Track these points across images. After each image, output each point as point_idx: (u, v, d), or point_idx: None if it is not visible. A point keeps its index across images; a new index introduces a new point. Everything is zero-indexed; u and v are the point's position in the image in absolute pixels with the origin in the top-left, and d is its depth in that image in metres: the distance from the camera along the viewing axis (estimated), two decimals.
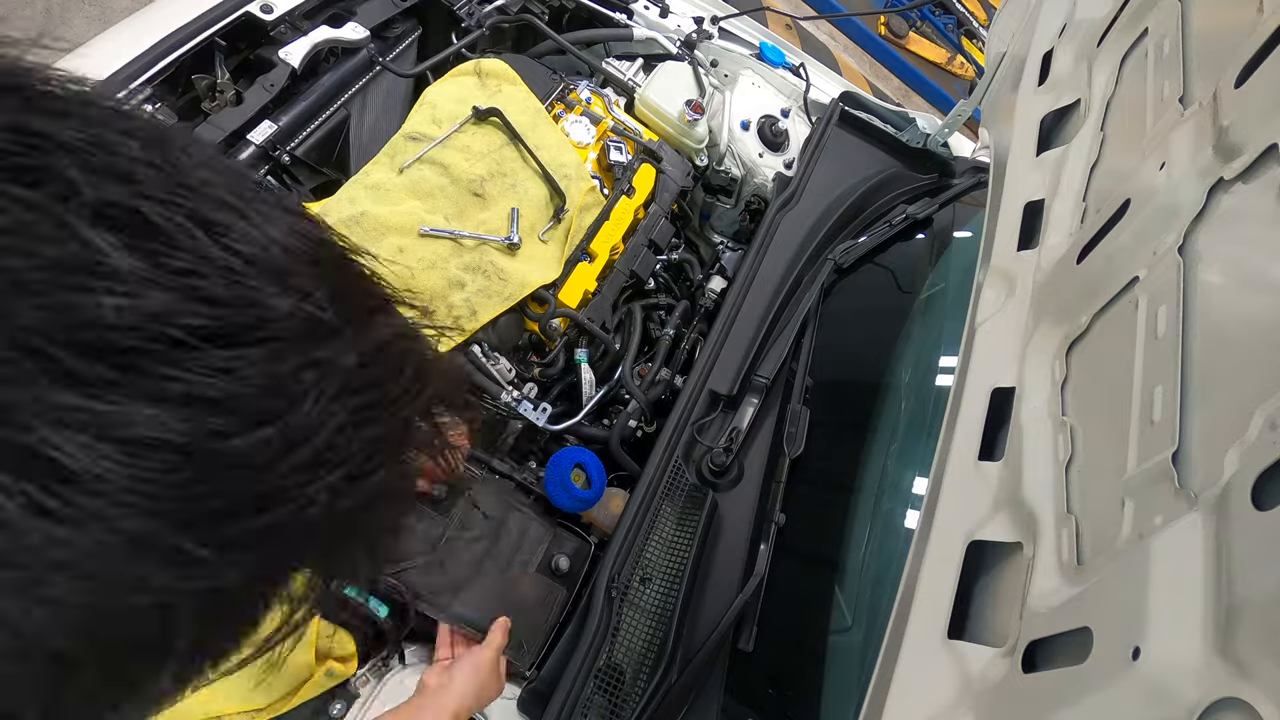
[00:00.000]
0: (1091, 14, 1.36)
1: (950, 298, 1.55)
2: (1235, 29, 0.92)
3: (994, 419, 1.04)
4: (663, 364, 1.63)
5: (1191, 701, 0.56)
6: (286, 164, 1.44)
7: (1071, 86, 1.33)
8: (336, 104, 1.55)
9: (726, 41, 2.10)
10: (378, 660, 1.14)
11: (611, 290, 1.61)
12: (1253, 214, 0.79)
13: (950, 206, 1.80)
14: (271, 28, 1.50)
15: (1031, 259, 1.16)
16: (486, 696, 1.02)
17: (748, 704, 1.23)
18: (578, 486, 1.34)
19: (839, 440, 1.48)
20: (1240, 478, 0.60)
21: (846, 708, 1.10)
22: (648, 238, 1.70)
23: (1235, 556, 0.58)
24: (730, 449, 1.35)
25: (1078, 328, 0.99)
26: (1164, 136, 0.96)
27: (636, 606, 1.19)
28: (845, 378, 1.61)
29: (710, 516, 1.27)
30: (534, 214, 1.54)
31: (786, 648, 1.29)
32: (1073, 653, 0.71)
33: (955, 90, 5.45)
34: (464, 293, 1.39)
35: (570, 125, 1.73)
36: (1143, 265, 0.90)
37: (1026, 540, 0.87)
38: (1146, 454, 0.75)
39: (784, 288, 1.60)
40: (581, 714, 1.08)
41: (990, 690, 0.79)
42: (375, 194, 1.41)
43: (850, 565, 1.31)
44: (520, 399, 1.42)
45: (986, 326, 1.16)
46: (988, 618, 0.90)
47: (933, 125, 1.97)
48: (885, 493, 1.35)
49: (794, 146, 1.95)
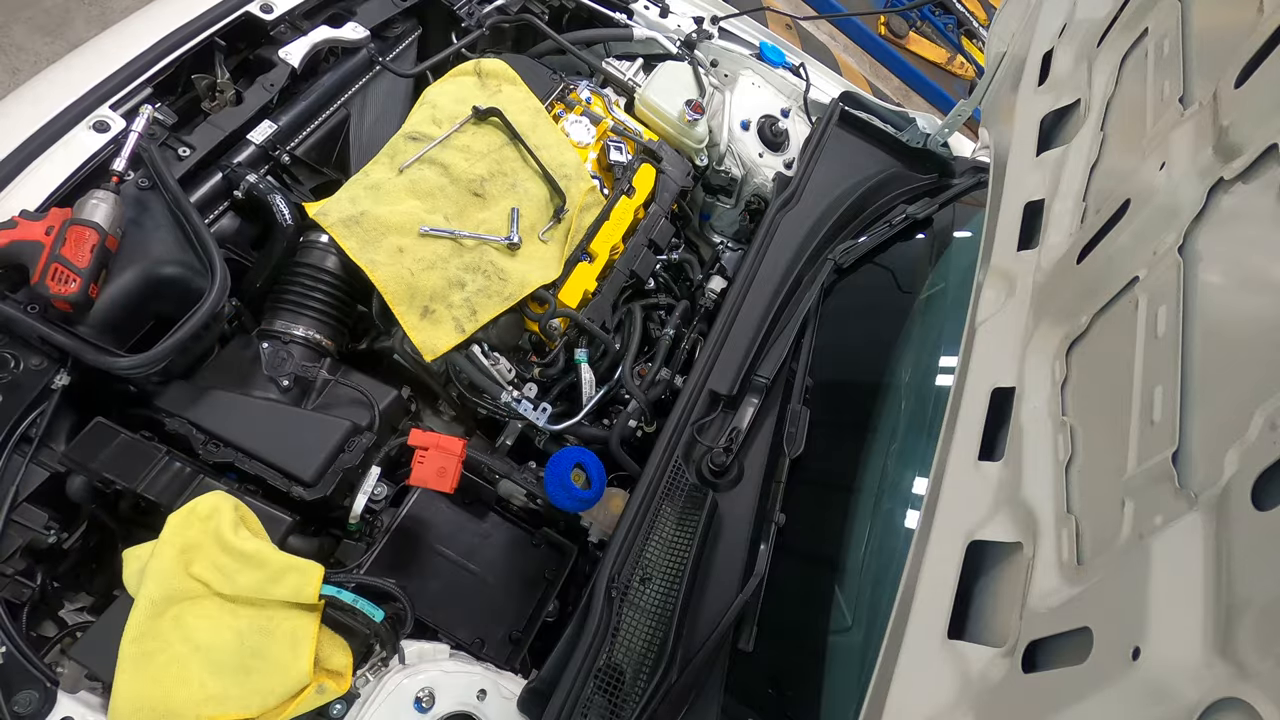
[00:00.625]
0: (1091, 14, 1.36)
1: (950, 298, 1.55)
2: (1235, 29, 0.92)
3: (994, 419, 1.04)
4: (663, 364, 1.63)
5: (1191, 701, 0.56)
6: (286, 164, 1.44)
7: (1071, 86, 1.33)
8: (336, 104, 1.55)
9: (726, 41, 2.10)
10: (377, 660, 1.14)
11: (611, 290, 1.61)
12: (1253, 214, 0.79)
13: (950, 206, 1.80)
14: (271, 27, 1.50)
15: (1031, 259, 1.16)
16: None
17: (748, 704, 1.23)
18: (578, 486, 1.34)
19: (839, 440, 1.48)
20: (1240, 478, 0.60)
21: (846, 708, 1.09)
22: (648, 238, 1.70)
23: (1235, 556, 0.58)
24: (730, 449, 1.35)
25: (1078, 328, 0.99)
26: (1164, 136, 0.96)
27: (636, 606, 1.19)
28: (845, 378, 1.61)
29: (710, 516, 1.27)
30: (534, 214, 1.54)
31: (786, 648, 1.29)
32: (1073, 653, 0.71)
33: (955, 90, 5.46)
34: (464, 292, 1.39)
35: (570, 125, 1.73)
36: (1143, 265, 0.90)
37: (1026, 540, 0.87)
38: (1146, 454, 0.75)
39: (784, 288, 1.59)
40: (581, 714, 1.08)
41: (990, 690, 0.79)
42: (375, 194, 1.41)
43: (850, 565, 1.31)
44: (520, 399, 1.42)
45: (986, 326, 1.16)
46: (988, 618, 0.90)
47: (933, 125, 1.97)
48: (885, 493, 1.35)
49: (794, 146, 1.95)
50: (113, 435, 1.15)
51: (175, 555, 1.06)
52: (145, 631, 1.02)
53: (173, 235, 1.23)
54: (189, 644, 1.02)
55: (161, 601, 1.04)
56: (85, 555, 1.20)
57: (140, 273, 1.19)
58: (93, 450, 1.13)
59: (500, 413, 1.46)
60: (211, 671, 1.01)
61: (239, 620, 1.05)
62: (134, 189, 1.24)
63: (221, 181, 1.34)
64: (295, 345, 1.30)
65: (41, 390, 1.10)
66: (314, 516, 1.27)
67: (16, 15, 2.99)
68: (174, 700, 0.99)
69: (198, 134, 1.35)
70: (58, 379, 1.12)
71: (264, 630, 1.05)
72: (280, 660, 1.03)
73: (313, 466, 1.18)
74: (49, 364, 1.12)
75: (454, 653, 1.20)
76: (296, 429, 1.22)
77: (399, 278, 1.34)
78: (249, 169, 1.35)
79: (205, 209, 1.32)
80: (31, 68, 2.88)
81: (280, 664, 1.03)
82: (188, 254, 1.22)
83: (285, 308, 1.33)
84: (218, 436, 1.18)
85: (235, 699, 1.01)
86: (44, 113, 1.26)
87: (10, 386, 1.09)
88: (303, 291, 1.34)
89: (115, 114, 1.29)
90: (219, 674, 1.01)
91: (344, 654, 1.10)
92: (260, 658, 1.03)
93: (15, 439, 1.08)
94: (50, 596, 1.12)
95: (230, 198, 1.36)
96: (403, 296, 1.34)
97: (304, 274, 1.34)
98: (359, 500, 1.23)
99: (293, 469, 1.17)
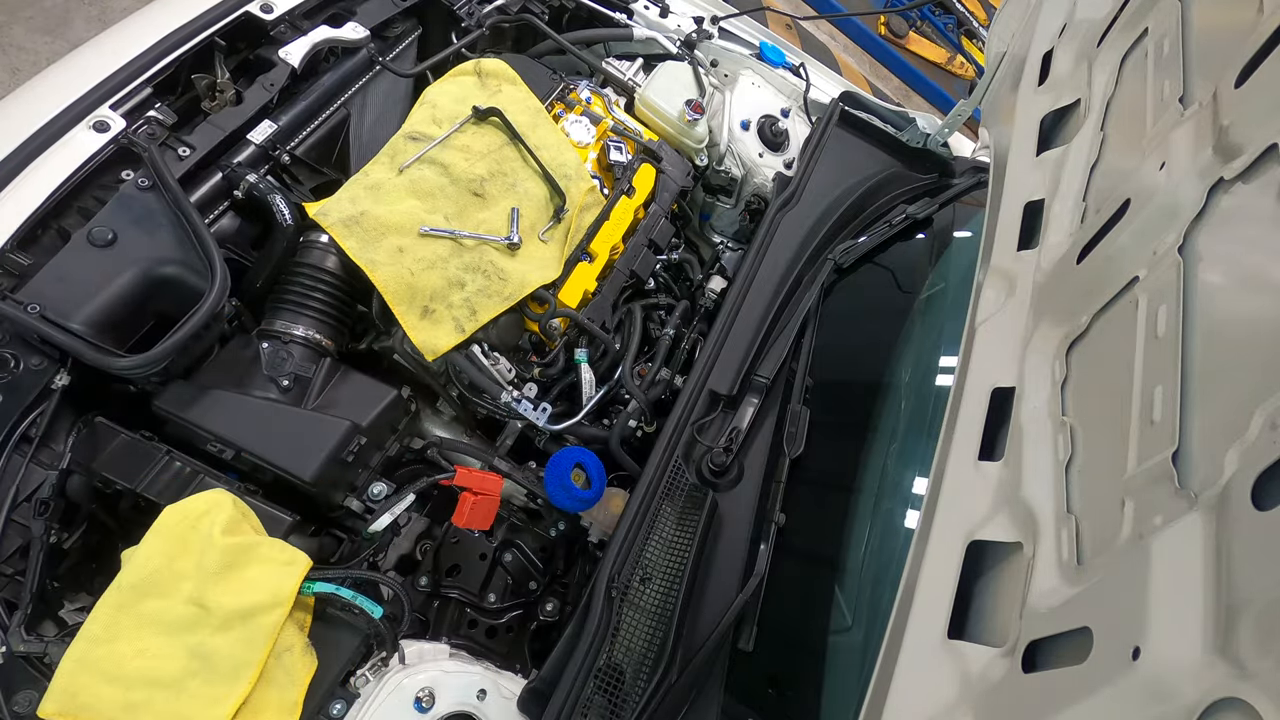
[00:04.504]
0: (1091, 14, 1.36)
1: (950, 298, 1.55)
2: (1235, 29, 0.92)
3: (994, 419, 1.04)
4: (663, 364, 1.63)
5: (1191, 701, 0.56)
6: (286, 164, 1.44)
7: (1071, 86, 1.33)
8: (336, 104, 1.55)
9: (726, 41, 2.10)
10: (377, 660, 1.14)
11: (611, 290, 1.61)
12: (1252, 214, 0.79)
13: (950, 206, 1.80)
14: (271, 27, 1.50)
15: (1031, 259, 1.16)
16: None
17: (748, 704, 1.23)
18: (578, 487, 1.34)
19: (839, 440, 1.48)
20: (1240, 478, 0.60)
21: (846, 708, 1.09)
22: (648, 238, 1.70)
23: (1235, 556, 0.58)
24: (730, 449, 1.35)
25: (1078, 328, 0.99)
26: (1164, 136, 0.96)
27: (636, 606, 1.19)
28: (845, 378, 1.61)
29: (710, 516, 1.27)
30: (534, 214, 1.54)
31: (786, 648, 1.29)
32: (1073, 653, 0.71)
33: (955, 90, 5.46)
34: (464, 292, 1.39)
35: (570, 125, 1.73)
36: (1143, 265, 0.90)
37: (1026, 540, 0.87)
38: (1146, 454, 0.75)
39: (784, 288, 1.60)
40: (581, 714, 1.08)
41: (990, 690, 0.79)
42: (375, 194, 1.40)
43: (850, 565, 1.31)
44: (520, 399, 1.42)
45: (986, 326, 1.16)
46: (988, 618, 0.90)
47: (933, 125, 1.97)
48: (885, 493, 1.35)
49: (794, 146, 1.95)
50: (113, 435, 1.15)
51: (161, 546, 1.06)
52: (106, 620, 1.01)
53: (173, 235, 1.23)
54: (137, 644, 1.00)
55: (130, 590, 1.03)
56: (85, 555, 1.20)
57: (140, 273, 1.19)
58: (93, 450, 1.13)
59: (500, 413, 1.46)
60: (144, 680, 0.99)
61: (194, 636, 1.02)
62: (134, 189, 1.24)
63: (221, 181, 1.34)
64: (295, 345, 1.30)
65: (41, 390, 1.10)
66: (314, 516, 1.27)
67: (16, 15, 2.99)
68: (100, 696, 0.97)
69: (198, 134, 1.35)
70: (58, 379, 1.12)
71: (206, 658, 1.01)
72: (206, 694, 1.00)
73: (313, 467, 1.18)
74: (49, 364, 1.12)
75: (454, 653, 1.20)
76: (296, 429, 1.22)
77: (399, 278, 1.34)
78: (249, 169, 1.35)
79: (205, 209, 1.32)
80: (31, 68, 2.88)
81: (206, 698, 1.00)
82: (188, 254, 1.22)
83: (285, 308, 1.33)
84: (217, 436, 1.18)
85: (152, 715, 0.98)
86: (44, 113, 1.26)
87: (10, 386, 1.09)
88: (303, 291, 1.34)
89: (115, 114, 1.29)
90: (150, 686, 0.99)
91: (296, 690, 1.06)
92: (195, 679, 1.00)
93: (15, 439, 1.08)
94: (50, 596, 1.12)
95: (230, 198, 1.36)
96: (403, 296, 1.34)
97: (304, 274, 1.34)
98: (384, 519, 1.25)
99: (293, 469, 1.17)
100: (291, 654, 1.06)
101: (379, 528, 1.24)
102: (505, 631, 1.33)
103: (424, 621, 1.30)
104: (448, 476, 1.31)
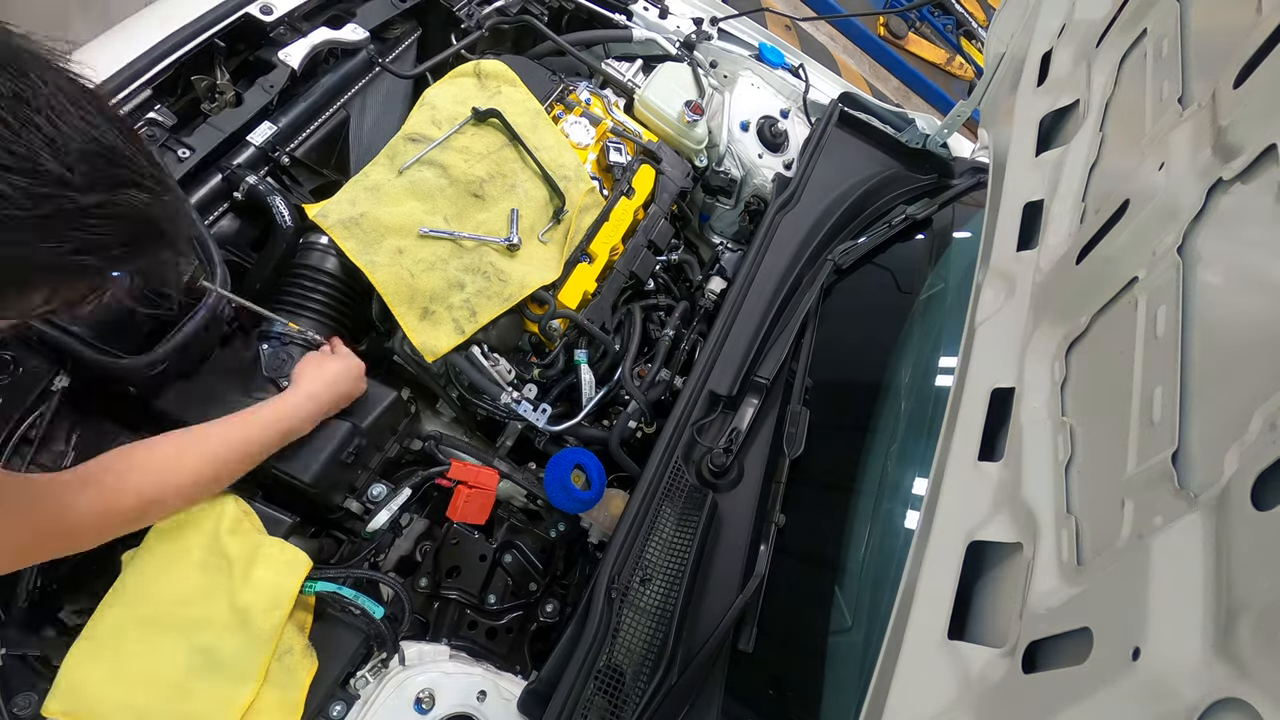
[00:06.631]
0: (1091, 14, 1.36)
1: (950, 298, 1.55)
2: (1234, 29, 0.92)
3: (994, 419, 1.04)
4: (662, 364, 1.63)
5: (1191, 701, 0.56)
6: (286, 165, 1.44)
7: (1070, 87, 1.33)
8: (336, 105, 1.55)
9: (726, 42, 2.10)
10: (377, 661, 1.14)
11: (611, 291, 1.61)
12: (1252, 214, 0.80)
13: (950, 207, 1.80)
14: (271, 29, 1.50)
15: (1031, 259, 1.16)
16: (343, 389, 1.20)
17: (748, 704, 1.23)
18: (577, 487, 1.34)
19: (839, 441, 1.48)
20: (1240, 478, 0.60)
21: (847, 708, 1.09)
22: (647, 238, 1.70)
23: (1235, 557, 0.58)
24: (730, 449, 1.35)
25: (1077, 328, 0.99)
26: (1163, 136, 0.96)
27: (636, 607, 1.19)
28: (845, 378, 1.61)
29: (710, 517, 1.27)
30: (533, 215, 1.54)
31: (787, 648, 1.29)
32: (1073, 653, 0.71)
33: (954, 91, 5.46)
34: (464, 293, 1.39)
35: (570, 126, 1.73)
36: (1142, 265, 0.90)
37: (1026, 540, 0.87)
38: (1146, 454, 0.75)
39: (784, 288, 1.60)
40: (581, 714, 1.08)
41: (990, 690, 0.79)
42: (375, 195, 1.41)
43: (850, 566, 1.31)
44: (520, 400, 1.42)
45: (986, 327, 1.16)
46: (988, 618, 0.90)
47: (932, 126, 1.97)
48: (885, 493, 1.35)
49: (793, 147, 1.95)
50: (114, 436, 1.15)
51: (164, 548, 1.06)
52: (109, 620, 1.01)
53: None
54: (140, 644, 1.00)
55: (133, 591, 1.03)
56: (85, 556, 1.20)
57: None
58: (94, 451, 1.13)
59: (500, 414, 1.46)
60: (149, 681, 0.99)
61: (197, 637, 1.02)
62: None
63: (221, 183, 1.34)
64: (295, 346, 1.30)
65: (41, 392, 1.10)
66: (314, 518, 1.27)
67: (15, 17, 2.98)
68: (104, 696, 0.97)
69: (197, 135, 1.34)
70: (58, 380, 1.11)
71: (211, 658, 1.01)
72: (213, 696, 1.00)
73: (313, 468, 1.18)
74: (48, 365, 1.12)
75: (454, 654, 1.20)
76: None
77: (399, 279, 1.34)
78: (249, 170, 1.35)
79: (205, 210, 1.32)
80: None
81: (213, 699, 1.00)
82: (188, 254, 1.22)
83: (285, 309, 1.33)
84: None
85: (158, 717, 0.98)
86: None
87: (10, 388, 1.09)
88: (302, 293, 1.34)
89: None
90: (155, 686, 0.98)
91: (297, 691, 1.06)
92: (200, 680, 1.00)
93: (15, 441, 1.08)
94: (50, 598, 1.12)
95: (230, 199, 1.36)
96: (402, 298, 1.34)
97: (304, 275, 1.34)
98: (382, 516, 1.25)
99: (293, 470, 1.17)
100: (292, 655, 1.06)
101: (378, 526, 1.24)
102: (505, 633, 1.33)
103: (424, 623, 1.30)
104: (443, 470, 1.31)
